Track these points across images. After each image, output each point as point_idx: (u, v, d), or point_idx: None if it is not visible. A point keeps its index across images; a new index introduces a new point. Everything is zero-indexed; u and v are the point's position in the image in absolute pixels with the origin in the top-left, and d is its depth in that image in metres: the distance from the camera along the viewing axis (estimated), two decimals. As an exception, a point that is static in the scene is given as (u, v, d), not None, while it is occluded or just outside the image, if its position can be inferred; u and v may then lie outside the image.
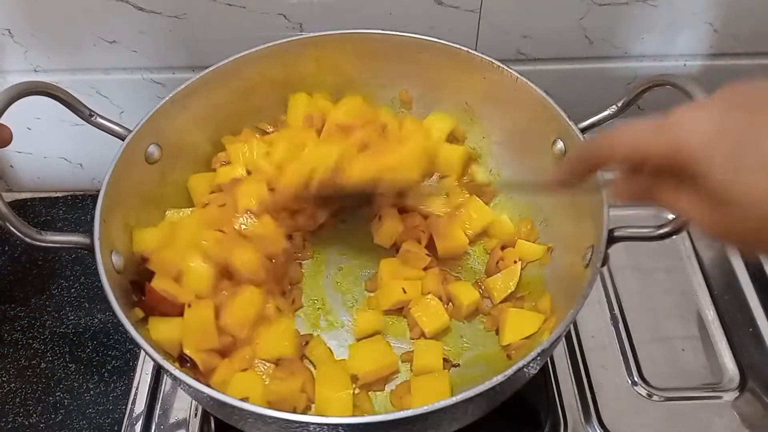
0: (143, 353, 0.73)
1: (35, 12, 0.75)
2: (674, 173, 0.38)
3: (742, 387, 0.69)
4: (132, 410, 0.69)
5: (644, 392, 0.69)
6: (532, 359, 0.49)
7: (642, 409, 0.68)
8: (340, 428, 0.48)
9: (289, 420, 0.47)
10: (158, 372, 0.71)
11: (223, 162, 0.73)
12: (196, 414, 0.68)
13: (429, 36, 0.70)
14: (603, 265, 0.55)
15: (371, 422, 0.48)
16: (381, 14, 0.76)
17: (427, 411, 0.46)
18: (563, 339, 0.72)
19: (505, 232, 0.72)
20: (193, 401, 0.68)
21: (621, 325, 0.73)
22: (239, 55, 0.69)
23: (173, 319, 0.60)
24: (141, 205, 0.66)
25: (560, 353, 0.71)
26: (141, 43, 0.79)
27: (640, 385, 0.69)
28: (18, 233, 0.53)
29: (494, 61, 0.68)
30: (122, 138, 0.62)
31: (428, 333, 0.66)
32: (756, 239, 0.36)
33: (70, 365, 0.75)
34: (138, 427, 0.67)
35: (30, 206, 0.91)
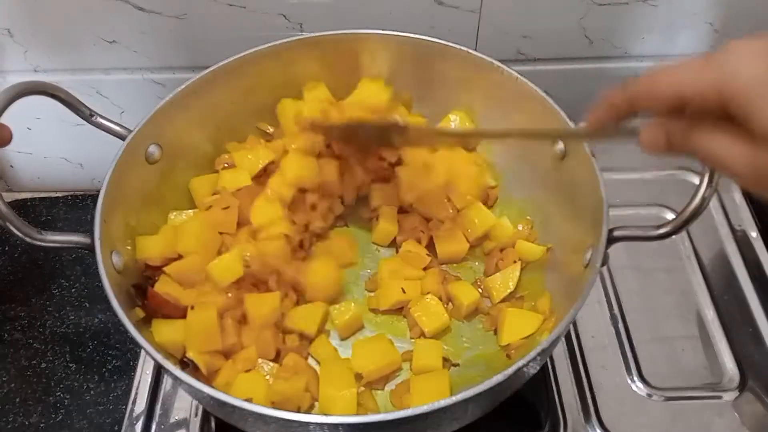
0: (144, 353, 0.73)
1: (35, 12, 0.75)
2: (717, 116, 0.34)
3: (742, 387, 0.69)
4: (132, 410, 0.69)
5: (644, 392, 0.69)
6: (532, 359, 0.49)
7: (642, 409, 0.68)
8: (340, 428, 0.48)
9: (290, 419, 0.47)
10: (159, 372, 0.71)
11: (227, 164, 0.73)
12: (197, 414, 0.68)
13: (429, 36, 0.70)
14: (603, 265, 0.55)
15: (371, 422, 0.48)
16: (381, 14, 0.76)
17: (427, 411, 0.46)
18: (563, 339, 0.72)
19: (505, 235, 0.72)
20: (194, 401, 0.68)
21: (621, 325, 0.73)
22: (239, 55, 0.69)
23: (176, 322, 0.60)
24: (141, 205, 0.66)
25: (560, 353, 0.71)
26: (141, 43, 0.79)
27: (640, 385, 0.69)
28: (18, 233, 0.53)
29: (494, 61, 0.68)
30: (122, 138, 0.63)
31: (428, 333, 0.66)
32: None
33: (71, 365, 0.75)
34: (138, 427, 0.67)
35: (30, 206, 0.91)
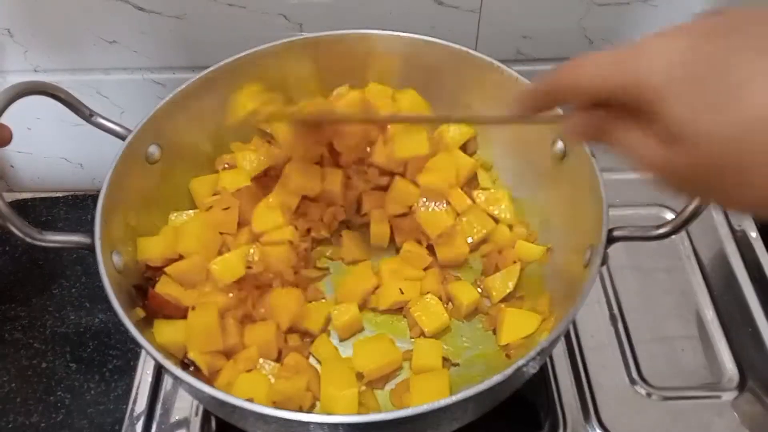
0: (144, 353, 0.73)
1: (35, 12, 0.75)
2: (634, 109, 0.34)
3: (742, 387, 0.69)
4: (133, 410, 0.69)
5: (644, 392, 0.69)
6: (532, 359, 0.49)
7: (641, 409, 0.68)
8: (340, 427, 0.48)
9: (290, 419, 0.47)
10: (159, 371, 0.71)
11: (227, 164, 0.73)
12: (197, 413, 0.68)
13: (429, 36, 0.70)
14: (602, 265, 0.55)
15: (371, 421, 0.48)
16: (381, 14, 0.76)
17: (427, 410, 0.46)
18: (563, 339, 0.72)
19: (505, 238, 0.72)
20: (194, 401, 0.69)
21: (620, 325, 0.73)
22: (239, 56, 0.69)
23: (177, 322, 0.61)
24: (142, 205, 0.66)
25: (560, 353, 0.71)
26: (141, 43, 0.79)
27: (640, 385, 0.69)
28: (19, 233, 0.53)
29: (494, 61, 0.69)
30: (122, 138, 0.63)
31: (428, 332, 0.66)
32: (704, 183, 0.31)
33: (71, 365, 0.75)
34: (139, 427, 0.67)
35: (30, 206, 0.91)
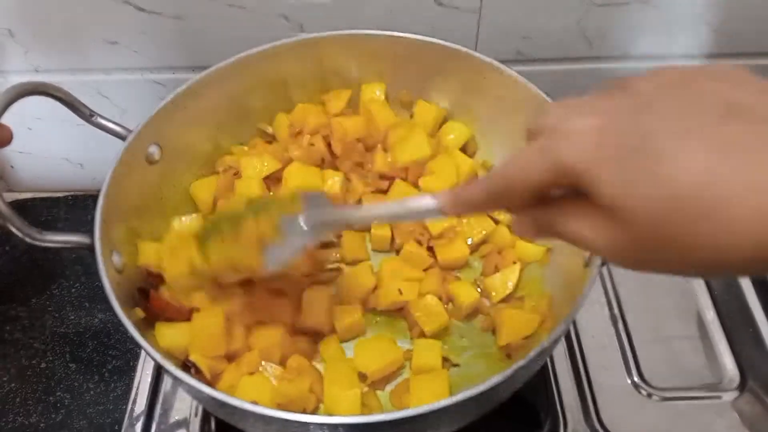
0: (144, 353, 0.73)
1: (36, 12, 0.75)
2: (574, 195, 0.33)
3: (742, 387, 0.69)
4: (132, 410, 0.69)
5: (644, 392, 0.69)
6: (532, 359, 0.49)
7: (642, 409, 0.68)
8: (341, 428, 0.48)
9: (290, 420, 0.47)
10: (159, 372, 0.71)
11: (229, 166, 0.73)
12: (197, 414, 0.68)
13: (429, 36, 0.70)
14: (603, 265, 0.55)
15: (371, 422, 0.48)
16: (381, 14, 0.76)
17: (427, 411, 0.46)
18: (563, 339, 0.72)
19: (505, 239, 0.72)
20: (194, 401, 0.69)
21: (621, 325, 0.73)
22: (239, 56, 0.69)
23: (180, 325, 0.60)
24: (142, 205, 0.66)
25: (560, 353, 0.71)
26: (141, 44, 0.79)
27: (640, 385, 0.69)
28: (19, 233, 0.53)
29: (494, 62, 0.68)
30: (123, 138, 0.63)
31: (428, 332, 0.66)
32: (653, 257, 0.30)
33: (71, 365, 0.75)
34: (138, 427, 0.67)
35: (31, 206, 0.91)
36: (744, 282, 0.76)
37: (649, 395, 0.69)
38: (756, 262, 0.28)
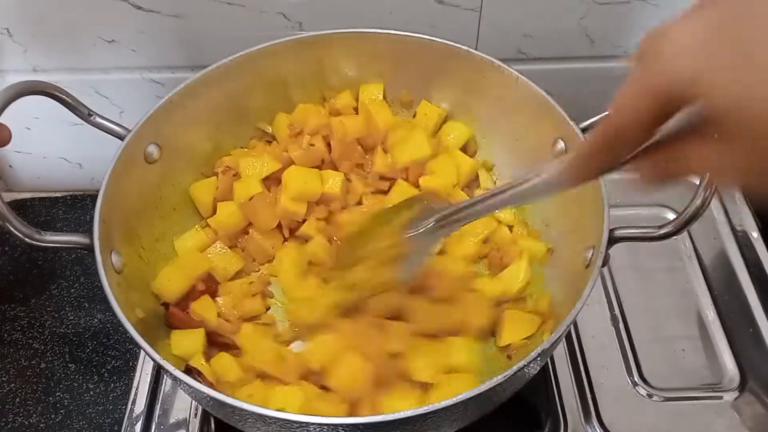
0: (143, 353, 0.73)
1: (34, 11, 0.75)
2: (693, 125, 0.33)
3: (742, 387, 0.69)
4: (132, 410, 0.69)
5: (644, 392, 0.69)
6: (532, 360, 0.49)
7: (642, 409, 0.68)
8: (340, 428, 0.48)
9: (290, 420, 0.47)
10: (158, 372, 0.71)
11: (227, 167, 0.73)
12: (196, 414, 0.68)
13: (429, 35, 0.70)
14: (603, 266, 0.55)
15: (371, 422, 0.48)
16: (381, 14, 0.76)
17: (427, 411, 0.46)
18: (563, 339, 0.72)
19: (506, 238, 0.72)
20: (194, 401, 0.68)
21: (621, 325, 0.73)
22: (238, 55, 0.69)
23: (194, 333, 0.63)
24: (141, 205, 0.66)
25: (560, 353, 0.71)
26: (140, 43, 0.79)
27: (640, 385, 0.69)
28: (18, 233, 0.53)
29: (495, 61, 0.68)
30: (121, 138, 0.62)
31: None
32: None
33: (70, 365, 0.74)
34: (138, 427, 0.67)
35: (29, 206, 0.91)
36: (744, 282, 0.76)
37: (649, 395, 0.69)
38: None
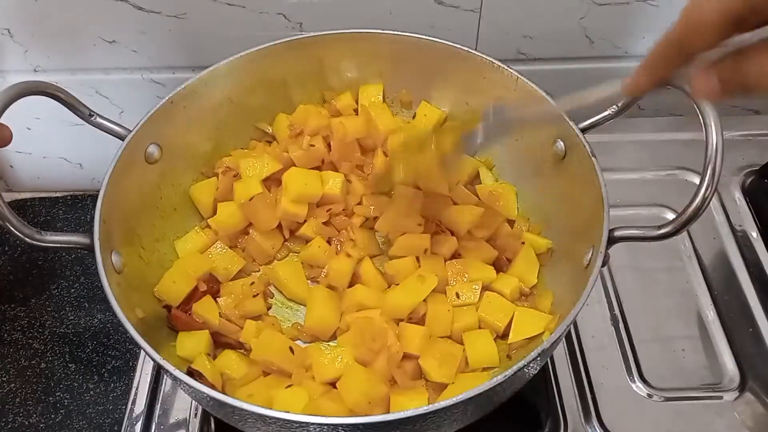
0: (143, 353, 0.73)
1: (35, 12, 0.75)
2: (760, 44, 0.32)
3: (742, 387, 0.69)
4: (132, 410, 0.69)
5: (644, 392, 0.69)
6: (532, 359, 0.49)
7: (642, 409, 0.67)
8: (340, 428, 0.48)
9: (289, 420, 0.47)
10: (158, 372, 0.71)
11: (227, 168, 0.73)
12: (196, 414, 0.68)
13: (429, 36, 0.70)
14: (603, 266, 0.55)
15: (371, 422, 0.48)
16: (381, 14, 0.76)
17: (427, 411, 0.46)
18: (563, 339, 0.72)
19: (508, 233, 0.71)
20: (194, 401, 0.68)
21: (621, 325, 0.73)
22: (239, 55, 0.69)
23: (197, 333, 0.63)
24: (141, 205, 0.66)
25: (560, 353, 0.71)
26: (141, 43, 0.79)
27: (640, 385, 0.69)
28: (18, 233, 0.53)
29: (494, 61, 0.68)
30: (122, 138, 0.62)
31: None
32: None
33: (70, 365, 0.75)
34: (138, 427, 0.67)
35: (30, 206, 0.91)
36: (744, 282, 0.76)
37: (650, 395, 0.69)
38: None
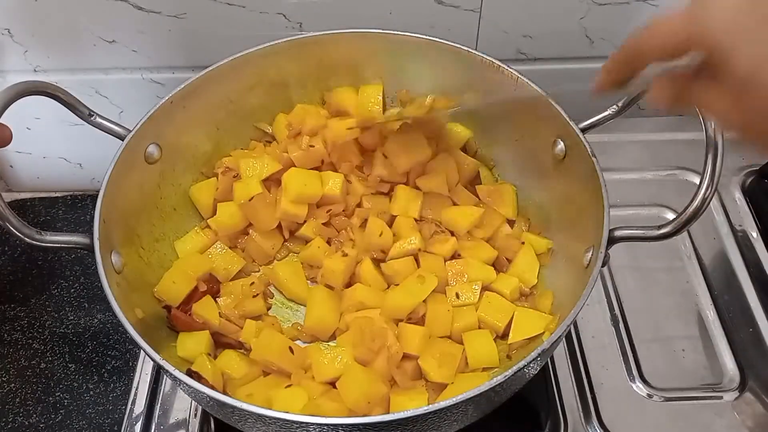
0: (143, 353, 0.73)
1: (35, 12, 0.75)
2: (708, 67, 0.36)
3: (742, 387, 0.69)
4: (132, 410, 0.69)
5: (644, 392, 0.69)
6: (532, 360, 0.49)
7: (642, 409, 0.67)
8: (340, 428, 0.48)
9: (289, 420, 0.47)
10: (158, 372, 0.71)
11: (227, 168, 0.73)
12: (196, 414, 0.68)
13: (429, 35, 0.70)
14: (603, 266, 0.55)
15: (371, 422, 0.48)
16: (381, 14, 0.76)
17: (427, 411, 0.46)
18: (563, 339, 0.72)
19: (508, 233, 0.71)
20: (193, 401, 0.68)
21: (621, 325, 0.73)
22: (239, 55, 0.69)
23: (198, 334, 0.63)
24: (141, 205, 0.66)
25: (560, 353, 0.71)
26: (140, 43, 0.79)
27: (640, 385, 0.69)
28: (18, 233, 0.53)
29: (494, 61, 0.68)
30: (122, 138, 0.62)
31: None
32: None
33: (70, 365, 0.74)
34: (138, 428, 0.67)
35: (30, 206, 0.91)
36: (744, 282, 0.76)
37: (650, 395, 0.69)
38: None
